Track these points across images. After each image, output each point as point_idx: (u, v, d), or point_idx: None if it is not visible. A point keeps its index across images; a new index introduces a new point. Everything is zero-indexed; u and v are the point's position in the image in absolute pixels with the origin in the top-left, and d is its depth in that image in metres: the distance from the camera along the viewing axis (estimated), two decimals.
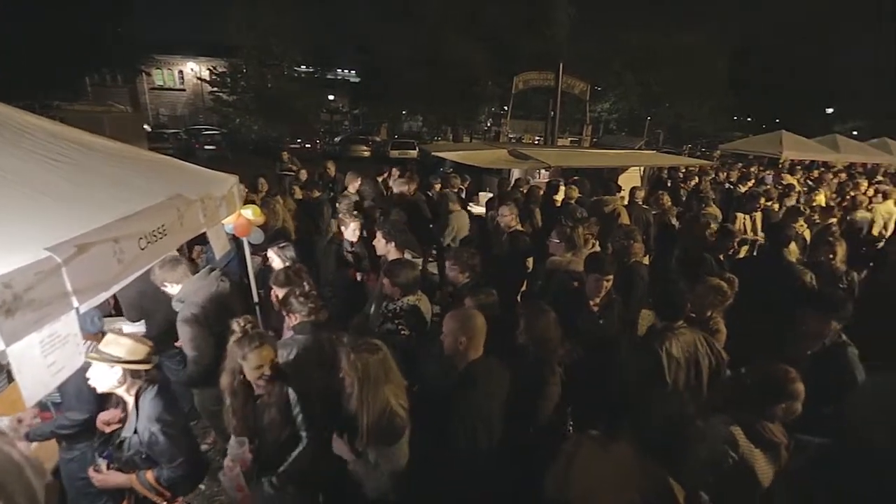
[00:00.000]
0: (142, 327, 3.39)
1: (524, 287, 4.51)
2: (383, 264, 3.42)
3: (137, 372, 1.98)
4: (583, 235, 4.00)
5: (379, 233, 3.52)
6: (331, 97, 33.07)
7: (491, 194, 7.60)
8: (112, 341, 1.96)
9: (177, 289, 2.88)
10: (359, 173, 6.83)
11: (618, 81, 31.14)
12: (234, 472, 2.03)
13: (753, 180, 10.17)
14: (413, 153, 21.36)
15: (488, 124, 34.36)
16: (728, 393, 2.17)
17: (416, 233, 4.52)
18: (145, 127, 22.87)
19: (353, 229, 4.15)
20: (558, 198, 6.30)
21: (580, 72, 16.59)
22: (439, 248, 5.62)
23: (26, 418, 2.35)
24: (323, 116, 31.03)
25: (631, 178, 8.00)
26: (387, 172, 7.64)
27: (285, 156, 9.39)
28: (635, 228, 4.14)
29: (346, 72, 38.92)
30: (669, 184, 9.90)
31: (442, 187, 6.61)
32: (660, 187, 8.83)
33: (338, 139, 27.30)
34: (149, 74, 30.63)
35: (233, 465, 2.05)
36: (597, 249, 3.96)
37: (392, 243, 3.44)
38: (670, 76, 29.72)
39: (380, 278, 3.25)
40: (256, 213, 3.84)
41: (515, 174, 7.90)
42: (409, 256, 3.54)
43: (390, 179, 7.17)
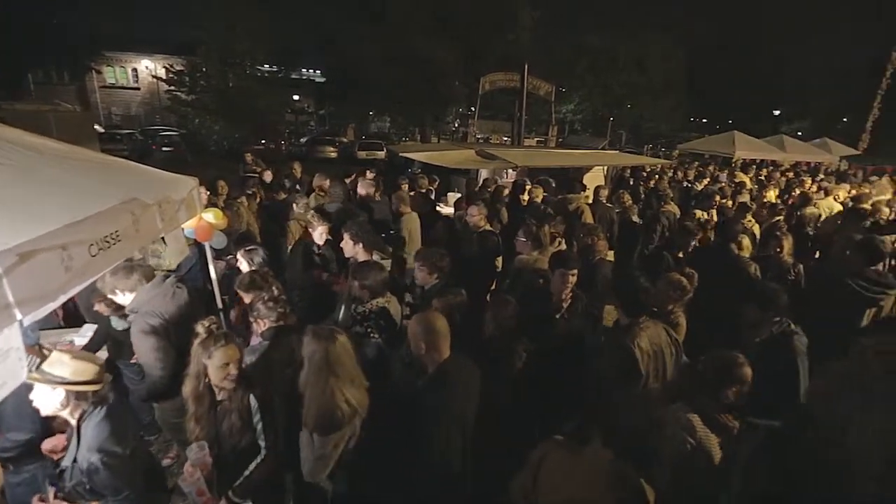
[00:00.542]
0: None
1: (494, 286, 4.56)
2: (351, 266, 3.38)
3: (83, 394, 1.83)
4: (549, 234, 4.09)
5: (346, 234, 3.47)
6: (296, 97, 32.34)
7: (459, 194, 7.65)
8: (56, 360, 1.81)
9: (128, 298, 2.71)
10: (326, 175, 6.75)
11: (581, 83, 32.03)
12: (195, 476, 1.97)
13: (709, 178, 10.66)
14: (381, 154, 21.25)
15: (456, 125, 34.53)
16: (684, 380, 2.27)
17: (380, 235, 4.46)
18: (97, 127, 21.70)
19: (320, 232, 4.08)
20: (525, 197, 6.40)
21: (545, 73, 16.94)
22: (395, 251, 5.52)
23: None
24: (288, 117, 30.30)
25: (595, 178, 8.23)
26: (356, 174, 7.57)
27: (249, 157, 9.13)
28: (598, 226, 4.26)
29: (311, 71, 38.20)
30: (632, 182, 10.28)
31: (410, 188, 6.59)
32: (622, 186, 9.15)
33: (304, 140, 26.82)
34: (99, 72, 29.15)
35: (193, 470, 1.98)
36: (563, 248, 4.05)
37: (360, 244, 3.41)
38: (630, 79, 30.84)
39: (348, 280, 3.22)
40: (218, 216, 3.72)
41: (483, 174, 7.99)
42: (377, 258, 3.52)
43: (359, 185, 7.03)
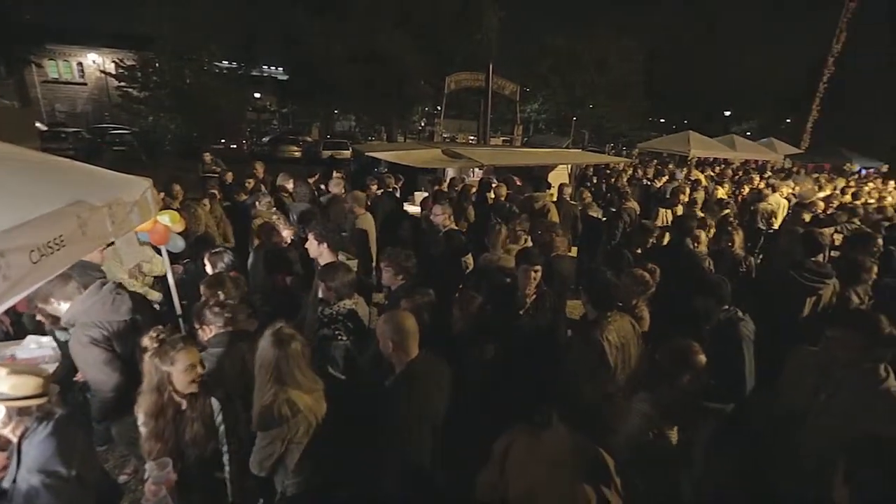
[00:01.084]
0: (47, 348, 3.04)
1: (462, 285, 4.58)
2: (317, 268, 3.32)
3: (26, 409, 1.70)
4: (514, 232, 4.16)
5: (311, 235, 3.40)
6: (257, 95, 31.41)
7: (426, 193, 7.65)
8: None
9: (65, 307, 2.53)
10: (290, 174, 6.61)
11: (545, 83, 32.68)
12: (159, 495, 1.88)
13: (667, 176, 11.12)
14: (346, 153, 20.89)
15: (422, 124, 34.50)
16: (644, 370, 2.37)
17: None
18: (38, 125, 20.35)
19: (287, 234, 4.00)
20: (492, 195, 6.49)
21: (510, 73, 17.19)
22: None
23: None
24: (249, 115, 29.42)
25: (560, 176, 8.43)
26: (320, 173, 7.46)
27: (208, 157, 8.82)
28: (556, 223, 4.36)
29: (272, 68, 37.17)
30: (594, 180, 10.60)
31: (378, 188, 6.55)
32: (585, 184, 9.42)
33: (266, 139, 26.08)
34: (40, 66, 27.35)
35: (157, 489, 1.88)
36: (529, 245, 4.12)
37: (324, 245, 3.35)
38: (591, 79, 31.74)
39: (314, 282, 3.16)
40: (175, 218, 3.58)
41: (450, 173, 8.02)
42: (343, 259, 3.48)
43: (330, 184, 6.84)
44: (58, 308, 2.54)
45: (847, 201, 7.93)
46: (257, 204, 4.96)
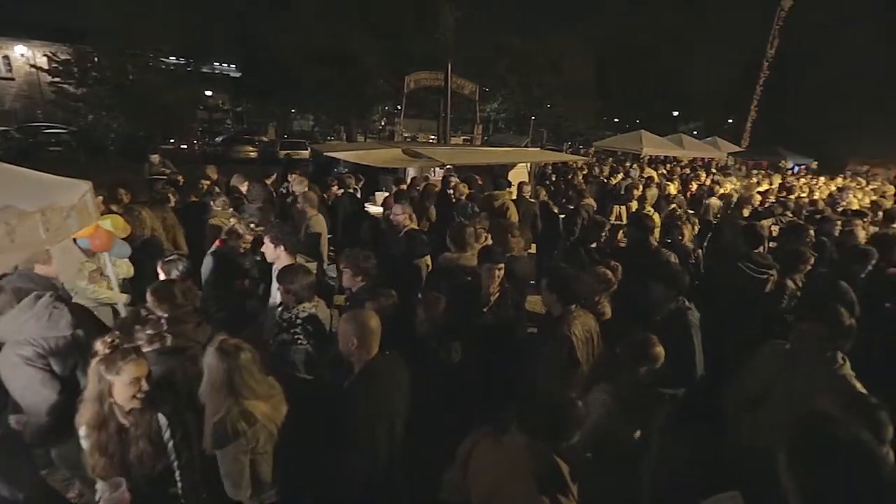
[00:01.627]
0: None
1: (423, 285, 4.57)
2: (275, 271, 3.22)
3: None
4: (475, 231, 4.18)
5: (266, 237, 3.29)
6: (208, 93, 30.02)
7: (388, 193, 7.58)
8: None
9: None
10: (245, 175, 6.39)
11: (503, 83, 33.19)
12: None
13: (622, 174, 11.55)
14: (304, 153, 20.36)
15: (382, 123, 34.20)
16: (603, 362, 2.45)
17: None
18: None
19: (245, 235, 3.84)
20: (452, 192, 6.52)
21: (468, 73, 17.30)
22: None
23: None
24: (200, 114, 28.01)
25: (519, 174, 8.55)
26: (276, 174, 7.23)
27: (156, 157, 8.33)
28: (513, 223, 4.41)
29: (224, 65, 35.67)
30: (553, 178, 10.87)
31: (339, 188, 6.44)
32: (544, 182, 9.65)
33: (220, 139, 24.98)
34: None
35: None
36: (489, 243, 4.16)
37: (281, 247, 3.25)
38: (547, 79, 32.54)
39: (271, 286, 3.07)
40: (118, 223, 3.38)
41: (411, 173, 7.99)
42: (301, 261, 3.39)
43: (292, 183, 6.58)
44: None
45: (782, 196, 8.53)
46: (213, 204, 4.75)
